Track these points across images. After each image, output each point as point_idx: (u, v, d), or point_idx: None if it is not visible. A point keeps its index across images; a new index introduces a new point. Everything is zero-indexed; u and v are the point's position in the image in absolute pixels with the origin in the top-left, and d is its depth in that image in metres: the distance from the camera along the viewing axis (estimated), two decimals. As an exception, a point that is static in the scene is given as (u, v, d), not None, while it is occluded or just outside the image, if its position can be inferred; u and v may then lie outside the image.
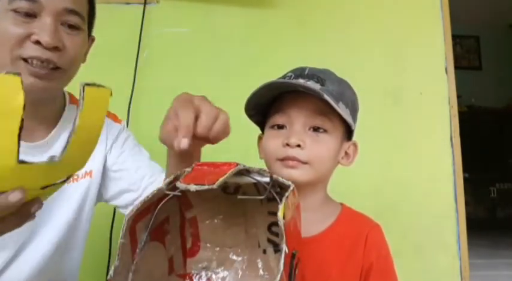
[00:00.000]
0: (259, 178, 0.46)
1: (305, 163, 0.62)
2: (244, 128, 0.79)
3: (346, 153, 0.69)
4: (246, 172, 0.46)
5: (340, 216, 0.68)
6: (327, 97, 0.59)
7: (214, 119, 0.53)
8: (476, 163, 2.79)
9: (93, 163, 0.81)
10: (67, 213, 0.78)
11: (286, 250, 0.37)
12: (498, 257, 2.66)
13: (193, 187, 0.39)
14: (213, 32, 1.34)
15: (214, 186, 0.39)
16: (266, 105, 0.69)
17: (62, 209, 0.77)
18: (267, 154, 0.67)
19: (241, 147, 0.96)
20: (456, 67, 1.36)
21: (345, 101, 0.64)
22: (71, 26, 0.70)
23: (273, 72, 0.72)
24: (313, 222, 0.65)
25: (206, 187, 0.39)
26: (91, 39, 0.81)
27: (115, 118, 0.89)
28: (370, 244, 0.65)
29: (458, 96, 1.37)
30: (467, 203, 1.30)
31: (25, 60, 0.65)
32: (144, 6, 1.31)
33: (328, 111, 0.62)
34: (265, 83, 0.63)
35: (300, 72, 0.66)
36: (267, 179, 0.46)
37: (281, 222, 0.38)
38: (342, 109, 0.62)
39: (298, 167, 0.62)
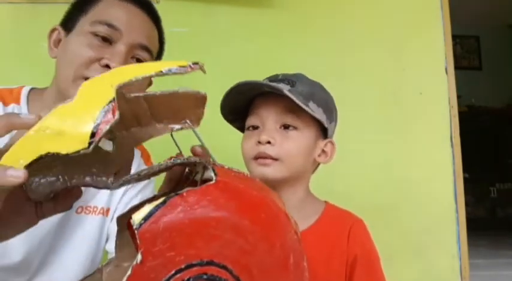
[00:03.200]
0: None
1: (276, 159, 0.65)
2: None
3: (323, 151, 0.70)
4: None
5: (323, 214, 0.69)
6: (287, 93, 0.62)
7: None
8: (476, 162, 2.79)
9: (112, 200, 0.76)
10: (84, 249, 0.74)
11: None
12: (498, 257, 2.66)
13: None
14: (213, 32, 1.34)
15: None
16: (245, 111, 0.72)
17: (76, 249, 0.73)
18: (243, 154, 0.70)
19: (239, 146, 0.96)
20: (456, 67, 1.36)
21: (317, 101, 0.67)
22: (139, 61, 0.70)
23: (272, 72, 0.72)
24: None
25: None
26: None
27: (147, 159, 0.83)
28: (353, 237, 0.66)
29: (458, 97, 1.37)
30: (467, 203, 1.30)
31: (87, 79, 0.64)
32: (144, 6, 1.31)
33: (297, 109, 0.65)
34: (233, 85, 0.67)
35: (274, 78, 0.70)
36: None
37: None
38: (312, 108, 0.65)
39: (270, 164, 0.65)
